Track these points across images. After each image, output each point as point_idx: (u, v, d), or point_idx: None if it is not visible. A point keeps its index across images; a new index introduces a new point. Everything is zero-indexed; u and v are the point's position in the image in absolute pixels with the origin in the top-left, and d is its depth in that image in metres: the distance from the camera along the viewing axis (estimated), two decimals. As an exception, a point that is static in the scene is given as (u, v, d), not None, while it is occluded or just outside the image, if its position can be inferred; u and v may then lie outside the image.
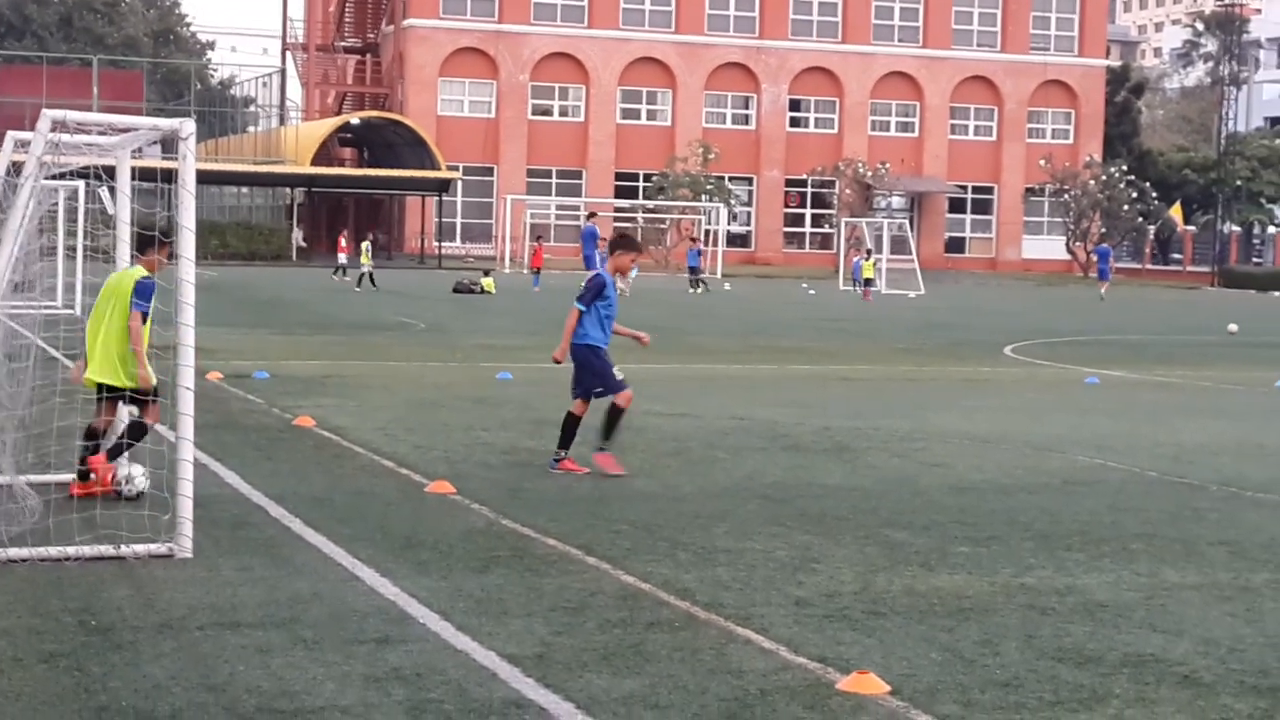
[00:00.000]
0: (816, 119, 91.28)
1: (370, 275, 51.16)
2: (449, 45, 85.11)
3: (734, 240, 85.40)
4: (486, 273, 54.12)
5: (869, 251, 61.53)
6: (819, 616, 8.86)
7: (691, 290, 55.79)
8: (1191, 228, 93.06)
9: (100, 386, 11.60)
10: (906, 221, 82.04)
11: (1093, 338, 37.39)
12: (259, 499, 12.00)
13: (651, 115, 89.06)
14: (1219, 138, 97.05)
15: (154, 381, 11.49)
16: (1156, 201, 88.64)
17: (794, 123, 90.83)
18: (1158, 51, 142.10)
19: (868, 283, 57.41)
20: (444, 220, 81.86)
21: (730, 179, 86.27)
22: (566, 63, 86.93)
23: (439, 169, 77.12)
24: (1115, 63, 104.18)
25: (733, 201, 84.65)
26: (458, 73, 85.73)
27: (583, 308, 13.84)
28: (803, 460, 15.10)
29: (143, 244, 11.78)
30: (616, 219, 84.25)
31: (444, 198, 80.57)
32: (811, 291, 61.74)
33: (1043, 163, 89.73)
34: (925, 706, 7.21)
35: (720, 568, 10.06)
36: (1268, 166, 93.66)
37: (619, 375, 13.95)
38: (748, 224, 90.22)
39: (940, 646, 8.28)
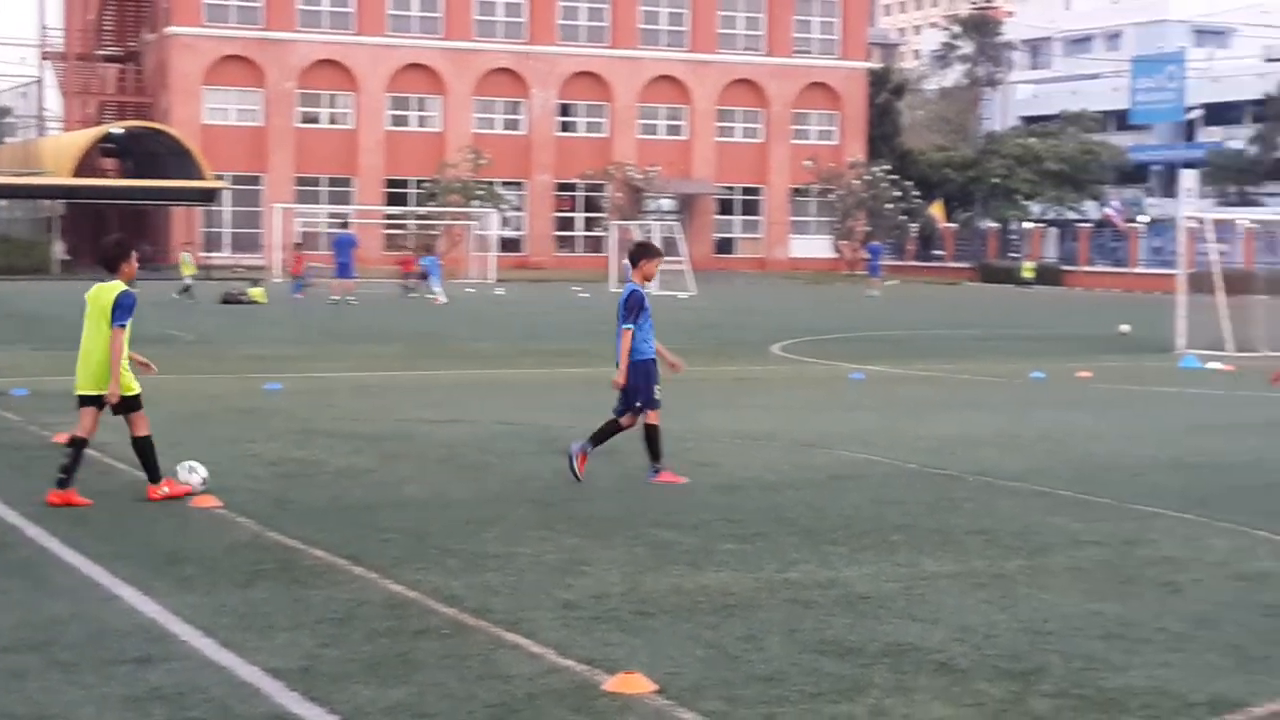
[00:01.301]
0: (586, 123, 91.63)
1: (189, 287, 50.12)
2: (213, 53, 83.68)
3: (507, 245, 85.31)
4: (255, 283, 53.33)
5: None
6: (587, 618, 8.92)
7: (413, 294, 54.94)
8: (952, 225, 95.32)
9: (81, 398, 12.46)
10: (677, 223, 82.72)
11: (858, 334, 38.12)
12: (14, 519, 11.70)
13: (421, 121, 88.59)
14: (976, 137, 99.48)
15: (136, 390, 12.47)
16: (918, 199, 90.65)
17: (564, 127, 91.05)
18: (917, 54, 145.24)
19: None
20: (212, 230, 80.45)
21: (501, 184, 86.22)
22: (334, 70, 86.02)
23: (205, 178, 75.77)
24: (876, 65, 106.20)
25: (504, 206, 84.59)
26: (223, 81, 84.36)
27: (632, 326, 13.95)
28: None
29: (113, 259, 12.50)
30: (388, 227, 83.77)
31: (211, 208, 79.20)
32: (584, 295, 61.94)
33: (808, 163, 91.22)
34: (690, 704, 7.31)
35: (489, 573, 10.07)
36: (1022, 164, 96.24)
37: (658, 394, 14.10)
38: (519, 228, 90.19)
39: (705, 644, 8.39)
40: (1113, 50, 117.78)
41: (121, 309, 12.29)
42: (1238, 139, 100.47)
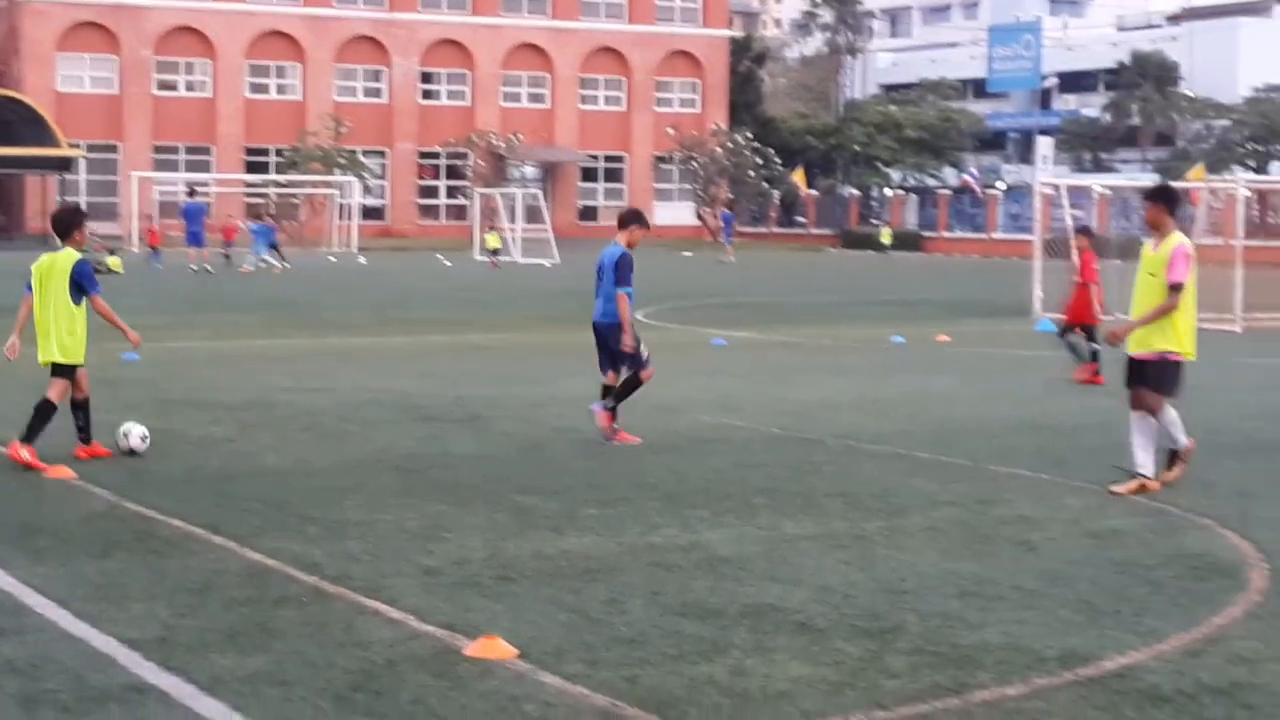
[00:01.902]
0: (448, 91, 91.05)
1: None
2: (66, 19, 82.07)
3: (369, 214, 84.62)
4: (112, 251, 52.49)
5: (490, 226, 63.41)
6: (448, 584, 8.90)
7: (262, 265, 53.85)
8: (814, 191, 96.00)
9: (53, 366, 13.03)
10: (540, 191, 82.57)
11: (721, 300, 38.29)
12: None
13: (281, 89, 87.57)
14: (837, 105, 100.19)
15: (76, 362, 13.10)
16: (780, 167, 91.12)
17: (426, 95, 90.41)
18: (778, 22, 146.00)
19: (494, 252, 58.96)
20: (67, 199, 78.98)
21: (363, 152, 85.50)
22: (191, 36, 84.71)
23: (59, 147, 74.39)
24: (738, 33, 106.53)
25: (366, 175, 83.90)
26: (77, 47, 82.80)
27: (630, 290, 14.25)
28: (436, 430, 15.12)
29: (67, 226, 13.13)
30: (248, 195, 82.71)
31: (66, 176, 77.80)
32: (447, 263, 61.66)
33: (671, 131, 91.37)
34: (552, 667, 7.32)
35: (350, 541, 10.02)
36: (883, 132, 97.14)
37: (645, 352, 14.37)
38: (382, 197, 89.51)
39: (567, 608, 8.41)
40: (970, 19, 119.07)
41: (88, 278, 13.00)
42: (1092, 106, 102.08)
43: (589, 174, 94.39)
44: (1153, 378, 12.15)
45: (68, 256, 13.03)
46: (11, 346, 13.26)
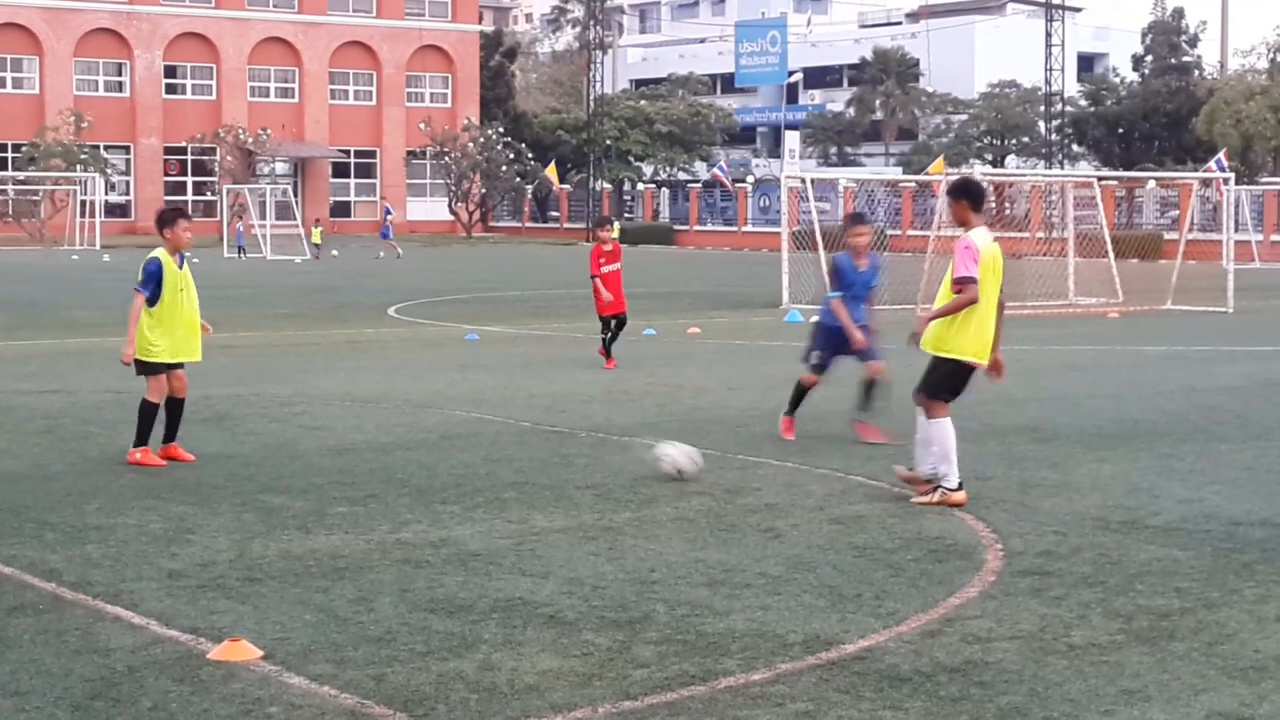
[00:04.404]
0: (194, 85, 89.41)
1: None
2: None
3: (113, 210, 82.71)
4: None
5: (316, 220, 65.25)
6: (192, 587, 8.73)
7: None
8: (567, 186, 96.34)
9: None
10: (290, 187, 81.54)
11: (474, 295, 38.22)
12: None
13: (18, 83, 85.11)
14: (588, 100, 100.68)
15: None
16: (533, 162, 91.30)
17: (170, 89, 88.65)
18: (529, 17, 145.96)
19: (317, 246, 62.20)
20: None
21: (106, 148, 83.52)
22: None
23: None
24: (488, 28, 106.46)
25: (109, 171, 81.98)
26: None
27: (836, 294, 14.63)
28: (181, 430, 14.81)
29: (159, 224, 13.97)
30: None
31: None
32: (195, 260, 60.50)
33: (423, 126, 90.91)
34: (298, 668, 7.23)
35: (90, 545, 9.78)
36: (634, 126, 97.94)
37: (816, 359, 14.74)
38: (127, 193, 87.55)
39: (315, 607, 8.31)
40: (718, 15, 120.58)
41: (143, 273, 13.67)
42: (837, 101, 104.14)
43: (340, 169, 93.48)
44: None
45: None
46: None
